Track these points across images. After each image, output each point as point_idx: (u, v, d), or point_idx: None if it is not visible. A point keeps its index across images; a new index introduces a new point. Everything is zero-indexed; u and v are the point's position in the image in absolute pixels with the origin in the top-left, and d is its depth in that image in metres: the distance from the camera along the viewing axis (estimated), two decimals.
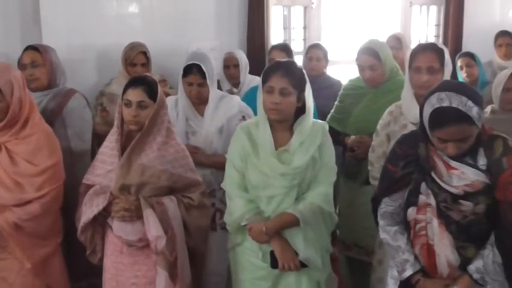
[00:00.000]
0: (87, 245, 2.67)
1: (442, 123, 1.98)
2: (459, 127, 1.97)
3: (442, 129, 1.98)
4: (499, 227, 2.09)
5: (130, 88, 2.53)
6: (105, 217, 2.58)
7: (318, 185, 2.55)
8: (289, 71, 2.47)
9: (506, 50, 5.06)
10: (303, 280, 2.57)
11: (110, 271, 2.65)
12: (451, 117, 1.96)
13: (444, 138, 2.00)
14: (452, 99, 1.97)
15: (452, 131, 1.97)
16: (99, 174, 2.59)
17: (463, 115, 1.96)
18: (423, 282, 2.18)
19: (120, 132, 2.59)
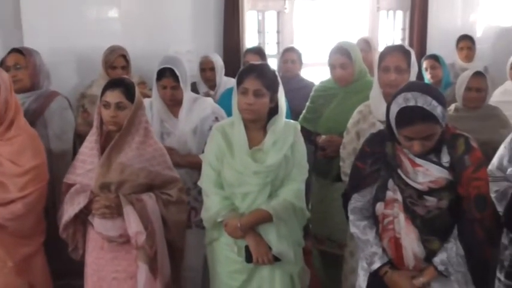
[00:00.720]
0: (69, 242, 2.64)
1: (408, 122, 1.99)
2: (424, 125, 1.98)
3: (408, 128, 1.99)
4: (462, 221, 2.10)
5: (109, 90, 2.50)
6: (86, 215, 2.55)
7: (291, 182, 2.55)
8: (262, 74, 2.46)
9: (467, 52, 5.12)
10: (277, 273, 2.57)
11: (91, 267, 2.62)
12: (417, 116, 1.98)
13: (410, 136, 2.01)
14: (418, 99, 1.98)
15: (417, 130, 1.98)
16: (80, 174, 2.57)
17: (428, 114, 1.97)
18: (391, 274, 2.19)
19: (100, 132, 2.57)
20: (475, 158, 2.08)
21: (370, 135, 2.33)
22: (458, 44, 5.17)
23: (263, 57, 3.95)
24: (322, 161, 3.33)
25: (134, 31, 4.33)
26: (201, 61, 4.21)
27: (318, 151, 3.34)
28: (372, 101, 2.88)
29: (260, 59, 3.81)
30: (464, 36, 5.17)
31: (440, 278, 2.14)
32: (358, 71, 3.32)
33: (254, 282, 2.58)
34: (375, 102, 2.85)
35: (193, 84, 4.20)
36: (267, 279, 2.57)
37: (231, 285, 2.60)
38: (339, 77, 3.32)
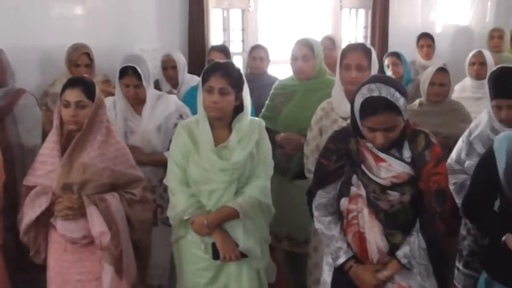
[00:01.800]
0: (30, 247, 2.57)
1: (372, 112, 2.01)
2: (387, 115, 2.00)
3: (372, 118, 2.01)
4: (423, 214, 2.13)
5: (68, 89, 2.45)
6: (48, 217, 2.48)
7: (256, 179, 2.55)
8: (227, 72, 2.45)
9: (427, 50, 5.19)
10: (244, 269, 2.57)
11: (54, 269, 2.56)
12: (381, 105, 2.00)
13: (373, 127, 2.02)
14: (381, 89, 2.01)
15: (381, 120, 2.00)
16: (40, 175, 2.50)
17: (391, 104, 2.00)
18: (355, 268, 2.20)
19: (60, 132, 2.51)
20: (435, 153, 2.10)
21: (333, 132, 2.34)
22: (419, 42, 5.24)
23: (227, 55, 3.92)
24: (281, 158, 3.31)
25: (99, 29, 4.25)
26: (163, 60, 4.16)
27: (276, 149, 3.33)
28: (334, 98, 2.89)
29: (225, 57, 3.79)
30: (424, 34, 5.24)
31: (403, 271, 2.16)
32: (318, 67, 3.33)
33: (221, 278, 2.58)
34: (336, 99, 2.86)
35: (156, 83, 4.16)
36: (234, 276, 2.57)
37: (198, 282, 2.59)
38: (300, 68, 3.31)
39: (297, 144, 3.17)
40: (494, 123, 2.72)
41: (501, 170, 2.13)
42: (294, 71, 3.38)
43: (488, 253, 2.34)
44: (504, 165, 2.12)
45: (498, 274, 2.21)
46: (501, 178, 2.13)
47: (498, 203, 2.26)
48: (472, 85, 4.20)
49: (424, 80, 3.49)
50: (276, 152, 3.30)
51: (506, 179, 2.11)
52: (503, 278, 2.18)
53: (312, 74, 3.32)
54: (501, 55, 5.25)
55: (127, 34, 4.35)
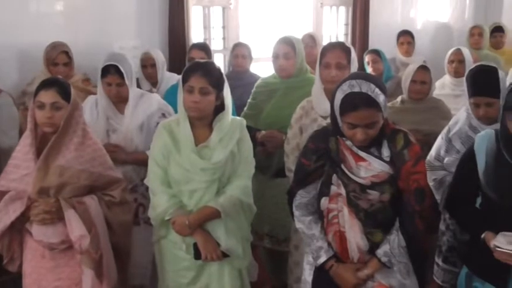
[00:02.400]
0: (4, 254, 2.50)
1: (352, 108, 2.01)
2: (368, 111, 2.01)
3: (352, 113, 2.01)
4: (403, 213, 2.14)
5: (43, 90, 2.40)
6: (22, 222, 2.42)
7: (237, 178, 2.55)
8: (208, 71, 2.44)
9: (407, 47, 5.23)
10: (225, 269, 2.57)
11: (31, 277, 2.50)
12: (361, 101, 2.01)
13: (354, 123, 2.02)
14: (362, 85, 2.02)
15: (361, 115, 2.01)
16: (14, 179, 2.44)
17: (372, 100, 2.01)
18: (336, 268, 2.21)
19: (34, 135, 2.45)
20: (414, 152, 2.12)
21: (313, 132, 2.34)
22: (399, 39, 5.28)
23: (208, 53, 3.90)
24: (262, 156, 3.31)
25: (77, 26, 4.20)
26: (142, 58, 4.14)
27: (257, 147, 3.33)
28: (314, 97, 2.90)
29: (205, 55, 3.77)
30: (404, 32, 5.28)
31: (383, 269, 2.17)
32: (299, 65, 3.33)
33: (203, 278, 2.57)
34: (316, 97, 2.87)
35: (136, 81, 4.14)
36: (216, 275, 2.57)
37: (180, 282, 2.58)
38: (281, 65, 3.31)
39: (278, 142, 3.17)
40: (472, 121, 2.75)
41: (481, 170, 2.15)
42: (276, 69, 3.38)
43: (469, 248, 2.36)
44: (484, 165, 2.15)
45: (478, 269, 2.23)
46: (481, 178, 2.15)
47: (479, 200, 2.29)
48: (451, 82, 4.24)
49: (406, 78, 3.51)
50: (257, 150, 3.32)
51: (485, 179, 2.14)
52: (483, 273, 2.20)
53: (293, 72, 3.32)
54: (481, 52, 5.31)
55: (106, 32, 4.30)
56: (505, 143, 2.09)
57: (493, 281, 2.15)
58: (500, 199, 2.06)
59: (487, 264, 2.16)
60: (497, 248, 2.01)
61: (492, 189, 2.12)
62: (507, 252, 1.98)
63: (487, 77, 2.80)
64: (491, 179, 2.12)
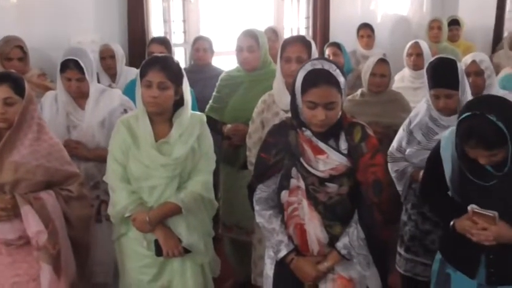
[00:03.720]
0: None
1: (313, 84, 2.02)
2: (328, 89, 2.02)
3: (314, 89, 2.02)
4: (361, 205, 2.16)
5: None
6: None
7: (198, 174, 2.53)
8: (166, 66, 2.41)
9: (367, 40, 5.27)
10: (187, 265, 2.56)
11: None
12: (322, 77, 2.03)
13: (314, 101, 2.02)
14: (324, 64, 2.05)
15: (322, 92, 2.02)
16: None
17: (333, 78, 2.03)
18: (296, 261, 2.21)
19: None
20: (371, 145, 2.14)
21: (272, 126, 2.34)
22: (359, 32, 5.31)
23: (168, 47, 3.85)
24: (229, 149, 3.32)
25: (33, 20, 4.05)
26: (101, 49, 4.10)
27: (224, 140, 3.31)
28: (275, 91, 2.90)
29: (165, 49, 3.73)
30: (364, 25, 5.31)
31: (343, 262, 2.18)
32: (263, 58, 3.33)
33: (165, 275, 2.56)
34: (277, 91, 2.87)
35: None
36: (178, 271, 2.55)
37: (142, 279, 2.56)
38: (245, 59, 3.31)
39: (243, 135, 3.17)
40: (432, 112, 2.78)
41: (447, 175, 2.18)
42: (240, 61, 3.38)
43: (443, 236, 2.39)
44: (450, 172, 2.17)
45: (451, 257, 2.27)
46: (448, 183, 2.18)
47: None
48: (411, 75, 4.29)
49: (366, 71, 3.54)
50: (223, 143, 3.31)
51: (452, 184, 2.17)
52: (455, 261, 2.24)
53: (257, 64, 3.33)
54: (440, 45, 5.39)
55: (63, 25, 4.17)
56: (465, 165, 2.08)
57: (464, 269, 2.19)
58: (467, 204, 2.09)
59: (459, 253, 2.20)
60: (475, 210, 2.03)
61: (459, 196, 2.15)
62: (484, 213, 2.01)
63: (446, 69, 2.84)
64: (458, 187, 2.15)
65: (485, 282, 2.13)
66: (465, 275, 2.18)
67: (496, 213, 1.99)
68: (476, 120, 1.90)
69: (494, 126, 1.87)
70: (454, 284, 2.22)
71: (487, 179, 2.02)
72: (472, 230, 2.04)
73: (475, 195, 2.07)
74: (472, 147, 1.95)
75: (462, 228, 2.08)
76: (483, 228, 2.01)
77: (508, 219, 2.00)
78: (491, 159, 1.95)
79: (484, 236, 2.01)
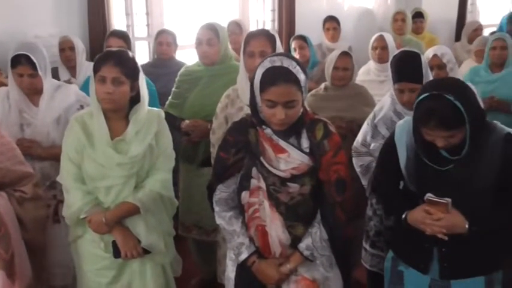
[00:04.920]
0: None
1: (272, 82, 1.94)
2: (288, 87, 1.94)
3: (273, 88, 1.94)
4: (324, 205, 2.09)
5: None
6: None
7: (157, 172, 2.43)
8: (121, 61, 2.29)
9: (333, 33, 5.23)
10: (147, 265, 2.47)
11: None
12: (282, 75, 1.94)
13: (273, 100, 1.94)
14: (283, 61, 1.96)
15: (281, 90, 1.93)
16: None
17: (293, 76, 1.95)
18: (258, 264, 2.14)
19: None
20: (334, 142, 2.06)
21: (232, 124, 2.25)
22: (325, 25, 5.28)
23: (127, 41, 3.71)
24: (187, 146, 3.22)
25: None
26: (60, 41, 3.95)
27: (182, 136, 3.22)
28: (239, 86, 2.82)
29: (124, 43, 3.59)
30: (330, 18, 5.28)
31: (306, 263, 2.12)
32: (223, 52, 3.24)
33: (124, 277, 2.47)
34: (241, 86, 2.79)
35: (55, 71, 3.91)
36: (137, 273, 2.46)
37: (100, 282, 2.46)
38: (204, 52, 3.21)
39: (202, 131, 3.09)
40: (397, 106, 2.75)
41: (402, 163, 2.13)
42: (199, 55, 3.28)
43: (394, 232, 2.36)
44: (405, 159, 2.12)
45: (402, 253, 2.23)
46: (402, 171, 2.13)
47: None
48: (376, 68, 4.27)
49: (328, 65, 3.49)
50: (182, 140, 3.21)
51: (407, 172, 2.12)
52: (407, 258, 2.20)
53: (217, 59, 3.23)
54: (404, 37, 5.39)
55: (21, 19, 3.97)
56: (422, 149, 2.04)
57: (416, 265, 2.15)
58: (421, 193, 2.04)
59: (411, 248, 2.17)
60: (430, 198, 1.99)
61: (413, 183, 2.10)
62: (438, 201, 1.97)
63: (410, 63, 2.81)
64: (412, 174, 2.10)
65: (439, 277, 2.09)
66: (418, 271, 2.14)
67: (449, 200, 1.95)
68: (435, 100, 1.87)
69: (452, 106, 1.85)
70: (407, 281, 2.19)
71: (443, 163, 1.98)
72: (426, 221, 1.99)
73: (431, 181, 2.03)
74: (431, 128, 1.91)
75: (415, 220, 2.03)
76: (437, 218, 1.96)
77: (462, 205, 1.96)
78: (449, 140, 1.92)
79: (437, 228, 1.97)
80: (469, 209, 1.96)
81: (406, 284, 2.18)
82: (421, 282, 2.13)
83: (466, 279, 2.07)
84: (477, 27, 5.79)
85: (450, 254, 2.06)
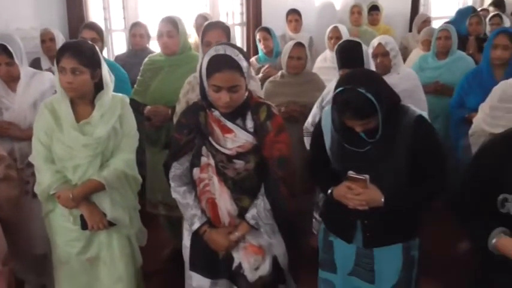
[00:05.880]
0: None
1: (217, 68, 1.96)
2: (231, 73, 1.96)
3: (217, 74, 1.96)
4: (267, 180, 2.12)
5: None
6: None
7: (121, 152, 2.43)
8: (78, 52, 2.26)
9: (295, 24, 5.22)
10: (114, 236, 2.49)
11: None
12: (225, 63, 1.96)
13: (218, 85, 1.97)
14: (226, 49, 1.98)
15: (225, 76, 1.95)
16: None
17: (235, 63, 1.97)
18: (209, 233, 2.18)
19: None
20: (276, 123, 2.09)
21: (186, 108, 2.28)
22: (287, 17, 5.26)
23: (99, 32, 3.66)
24: (151, 130, 3.23)
25: None
26: (41, 33, 3.95)
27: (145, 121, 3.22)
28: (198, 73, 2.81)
29: (96, 35, 3.55)
30: (292, 10, 5.26)
31: (252, 231, 2.16)
32: (183, 43, 3.24)
33: (93, 247, 2.48)
34: None
35: (37, 61, 3.88)
36: (105, 243, 2.49)
37: (70, 252, 2.48)
38: (164, 43, 3.21)
39: (163, 116, 3.10)
40: None
41: (327, 145, 2.14)
42: (160, 46, 3.29)
43: (324, 206, 2.39)
44: (330, 142, 2.13)
45: (331, 225, 2.26)
46: (328, 153, 2.15)
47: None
48: (332, 56, 4.22)
49: (284, 54, 3.52)
50: (145, 124, 3.21)
51: (331, 153, 2.13)
52: (334, 228, 2.23)
53: (176, 49, 3.23)
54: (360, 28, 5.42)
55: (1, 12, 3.95)
56: (342, 135, 2.05)
57: (343, 235, 2.19)
58: (344, 171, 2.07)
59: (337, 221, 2.20)
60: (350, 175, 2.01)
61: (337, 163, 2.12)
62: (358, 177, 1.99)
63: (351, 51, 2.85)
64: (336, 155, 2.11)
65: (363, 245, 2.12)
66: (344, 241, 2.17)
67: (367, 177, 1.98)
68: (349, 93, 1.88)
69: (364, 97, 1.85)
70: (336, 249, 2.21)
71: (362, 145, 1.99)
72: (348, 195, 2.01)
73: (352, 161, 2.04)
74: (348, 118, 1.93)
75: (339, 194, 2.06)
76: (357, 193, 1.99)
77: (379, 181, 1.99)
78: (365, 127, 1.94)
79: (358, 201, 1.99)
80: (386, 184, 1.98)
81: (336, 252, 2.21)
82: (348, 251, 2.17)
83: (386, 247, 2.10)
84: (426, 19, 5.84)
85: (371, 225, 2.08)
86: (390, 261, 2.10)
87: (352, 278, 2.19)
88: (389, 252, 2.10)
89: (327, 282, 2.26)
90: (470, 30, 5.22)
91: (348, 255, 2.17)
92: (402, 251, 2.10)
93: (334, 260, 2.22)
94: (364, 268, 2.15)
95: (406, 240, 2.11)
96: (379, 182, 1.99)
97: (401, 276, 2.11)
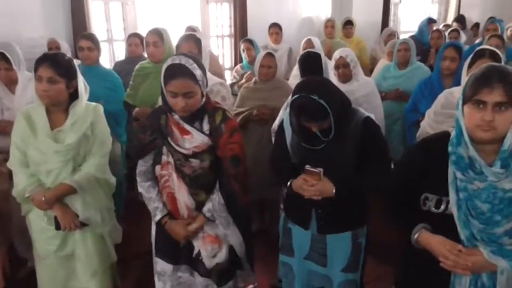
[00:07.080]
0: None
1: (171, 76, 1.92)
2: (184, 81, 1.91)
3: (172, 82, 1.91)
4: (221, 177, 2.09)
5: None
6: None
7: (92, 157, 2.32)
8: (55, 62, 2.18)
9: (276, 37, 5.18)
10: (88, 235, 2.39)
11: None
12: (179, 71, 1.92)
13: (174, 91, 1.92)
14: (181, 59, 1.94)
15: (179, 84, 1.91)
16: None
17: (188, 71, 1.92)
18: (169, 224, 2.14)
19: None
20: (230, 126, 2.05)
21: (151, 112, 2.22)
22: (269, 30, 5.20)
23: (95, 41, 3.58)
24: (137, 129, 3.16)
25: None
26: (48, 41, 4.03)
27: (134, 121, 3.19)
28: None
29: (92, 44, 3.47)
30: (273, 24, 5.21)
31: (209, 223, 2.12)
32: (168, 52, 3.19)
33: (69, 245, 2.38)
34: None
35: None
36: (80, 241, 2.38)
37: (49, 249, 2.38)
38: (151, 52, 3.22)
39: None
40: None
41: (288, 142, 2.12)
42: (148, 55, 3.30)
43: (284, 197, 2.35)
44: (290, 140, 2.11)
45: (289, 213, 2.23)
46: (288, 148, 2.11)
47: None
48: None
49: (256, 63, 3.46)
50: (134, 124, 3.16)
51: (291, 149, 2.11)
52: (292, 216, 2.21)
53: (162, 57, 3.19)
54: (334, 41, 5.35)
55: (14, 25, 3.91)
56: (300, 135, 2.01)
57: (299, 223, 2.17)
58: (302, 165, 2.02)
59: (295, 209, 2.17)
60: (306, 168, 1.97)
61: (296, 158, 2.09)
62: (313, 170, 1.95)
63: (311, 62, 2.79)
64: (295, 150, 2.09)
65: (317, 232, 2.11)
66: (301, 228, 2.15)
67: (321, 170, 1.96)
68: (303, 100, 1.87)
69: (317, 103, 1.84)
70: (295, 235, 2.20)
71: (317, 143, 1.97)
72: (303, 186, 1.98)
73: (308, 156, 2.01)
74: (304, 121, 1.92)
75: (296, 186, 2.02)
76: (312, 185, 1.96)
77: (332, 175, 1.96)
78: (320, 127, 1.92)
79: (312, 192, 1.96)
80: (337, 178, 1.96)
81: (294, 238, 2.19)
82: (304, 237, 2.15)
83: (337, 234, 2.10)
84: (391, 33, 5.77)
85: (324, 214, 2.07)
86: (340, 247, 2.11)
87: (307, 262, 2.17)
88: (340, 239, 2.10)
89: (286, 265, 2.26)
90: (432, 43, 5.16)
91: (304, 241, 2.16)
92: (351, 237, 2.10)
93: (292, 244, 2.20)
94: (318, 253, 2.14)
95: (354, 228, 2.11)
96: (331, 175, 1.96)
97: (350, 260, 2.11)
